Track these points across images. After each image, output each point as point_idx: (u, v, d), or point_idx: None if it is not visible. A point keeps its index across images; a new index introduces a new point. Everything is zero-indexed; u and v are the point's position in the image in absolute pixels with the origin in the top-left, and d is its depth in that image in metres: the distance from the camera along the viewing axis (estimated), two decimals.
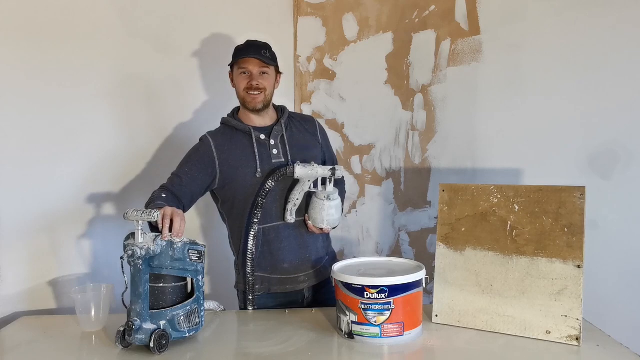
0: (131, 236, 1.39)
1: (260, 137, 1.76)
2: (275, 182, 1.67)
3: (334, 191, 1.69)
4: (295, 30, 2.46)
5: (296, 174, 1.65)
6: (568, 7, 2.08)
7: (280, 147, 1.77)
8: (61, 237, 1.93)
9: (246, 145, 1.75)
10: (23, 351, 1.44)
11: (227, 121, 1.82)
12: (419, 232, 2.41)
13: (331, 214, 1.69)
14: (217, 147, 1.74)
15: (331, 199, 1.67)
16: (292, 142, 1.80)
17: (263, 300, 1.77)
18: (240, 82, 1.75)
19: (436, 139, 2.36)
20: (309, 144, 1.85)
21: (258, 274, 1.75)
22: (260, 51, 1.73)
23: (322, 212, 1.67)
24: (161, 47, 2.14)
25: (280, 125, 1.80)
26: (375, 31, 2.41)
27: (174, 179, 1.71)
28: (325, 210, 1.67)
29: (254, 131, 1.76)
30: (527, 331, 1.42)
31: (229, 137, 1.77)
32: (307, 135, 1.86)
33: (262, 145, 1.76)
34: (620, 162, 2.03)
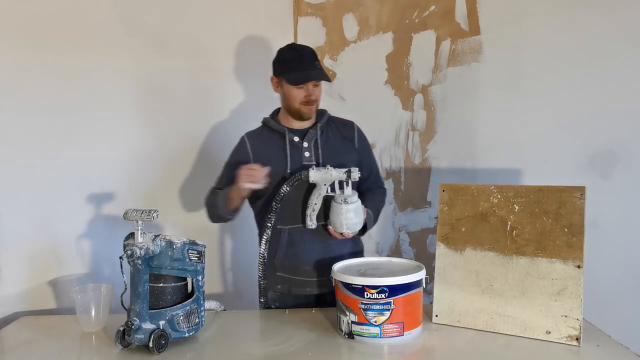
0: (131, 236, 1.39)
1: (294, 139, 1.77)
2: (290, 187, 1.67)
3: (352, 194, 1.63)
4: (295, 30, 2.47)
5: (311, 178, 1.64)
6: (568, 7, 2.08)
7: (313, 150, 1.78)
8: (61, 237, 1.93)
9: (279, 147, 1.77)
10: (23, 351, 1.43)
11: (266, 122, 1.85)
12: (419, 232, 2.41)
13: (350, 218, 1.62)
14: (253, 147, 1.80)
15: (349, 202, 1.62)
16: (325, 146, 1.79)
17: (284, 299, 1.79)
18: (296, 95, 1.73)
19: (436, 139, 2.36)
20: (344, 149, 1.83)
21: (280, 274, 1.77)
22: (314, 63, 1.73)
23: (340, 216, 1.63)
24: (160, 47, 2.13)
25: (316, 129, 1.79)
26: (375, 31, 2.41)
27: (219, 183, 1.84)
28: (344, 214, 1.62)
29: (288, 133, 1.77)
30: (527, 331, 1.41)
31: (265, 138, 1.81)
32: (343, 140, 1.84)
33: (295, 147, 1.77)
34: (620, 162, 2.03)
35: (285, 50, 1.78)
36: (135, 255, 1.32)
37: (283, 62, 1.76)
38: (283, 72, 1.74)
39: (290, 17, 2.46)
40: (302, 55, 1.74)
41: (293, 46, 1.82)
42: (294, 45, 1.83)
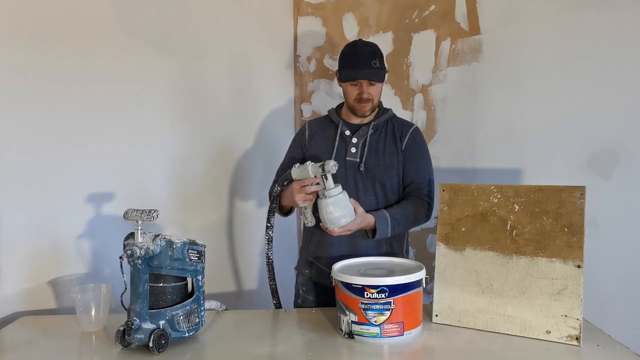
0: (131, 236, 1.39)
1: (345, 132, 1.82)
2: (280, 187, 1.71)
3: (334, 187, 1.59)
4: (295, 30, 2.47)
5: (293, 175, 1.66)
6: (568, 7, 2.08)
7: (360, 147, 1.80)
8: (61, 237, 1.93)
9: (331, 137, 1.83)
10: (23, 351, 1.43)
11: (330, 112, 1.91)
12: (419, 232, 2.41)
13: (329, 212, 1.58)
14: (310, 132, 1.89)
15: (326, 195, 1.58)
16: (372, 145, 1.79)
17: (310, 285, 1.88)
18: (350, 92, 1.77)
19: (436, 139, 2.36)
20: (390, 150, 1.80)
21: (311, 259, 1.85)
22: (370, 63, 1.73)
23: (321, 211, 1.61)
24: (160, 47, 2.13)
25: (369, 126, 1.81)
26: (375, 31, 2.41)
27: (280, 171, 1.92)
28: (323, 209, 1.59)
29: (342, 125, 1.83)
30: (527, 331, 1.41)
31: (323, 126, 1.88)
32: (391, 142, 1.81)
33: (344, 140, 1.81)
34: (620, 162, 2.03)
35: (347, 46, 1.82)
36: (135, 255, 1.32)
37: (341, 57, 1.80)
38: (339, 68, 1.80)
39: (290, 17, 2.46)
40: (359, 52, 1.75)
41: (355, 42, 1.83)
42: (357, 42, 1.83)
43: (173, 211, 2.18)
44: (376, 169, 1.78)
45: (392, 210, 1.75)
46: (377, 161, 1.78)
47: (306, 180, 1.63)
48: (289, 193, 1.70)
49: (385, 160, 1.79)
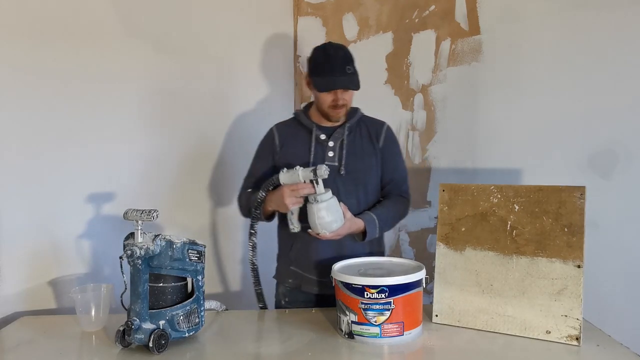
0: (131, 236, 1.39)
1: (320, 137, 1.77)
2: (265, 192, 1.67)
3: (324, 192, 1.58)
4: (295, 30, 2.47)
5: (281, 180, 1.63)
6: (568, 7, 2.08)
7: (337, 150, 1.76)
8: (61, 237, 1.93)
9: (305, 142, 1.77)
10: (23, 351, 1.43)
11: (297, 115, 1.85)
12: (419, 232, 2.41)
13: (322, 217, 1.57)
14: (281, 138, 1.81)
15: (319, 200, 1.57)
16: (350, 147, 1.77)
17: (294, 294, 1.81)
18: (324, 99, 1.71)
19: (436, 139, 2.36)
20: (368, 151, 1.79)
21: (293, 268, 1.79)
22: (345, 69, 1.68)
23: (312, 216, 1.58)
24: (160, 47, 2.13)
25: (344, 129, 1.77)
26: (375, 31, 2.41)
27: (249, 179, 1.86)
28: (315, 214, 1.57)
29: (316, 129, 1.77)
30: (527, 331, 1.41)
31: (293, 131, 1.81)
32: (369, 141, 1.80)
33: (320, 144, 1.76)
34: (620, 162, 2.03)
35: (317, 51, 1.74)
36: (135, 255, 1.32)
37: (313, 63, 1.73)
38: (312, 74, 1.73)
39: (290, 17, 2.46)
40: (332, 58, 1.69)
41: (326, 47, 1.75)
42: (327, 46, 1.75)
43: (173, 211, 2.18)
44: (356, 171, 1.76)
45: (378, 211, 1.75)
46: (357, 163, 1.76)
47: (298, 184, 1.60)
48: (276, 197, 1.65)
49: (364, 162, 1.77)
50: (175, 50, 2.17)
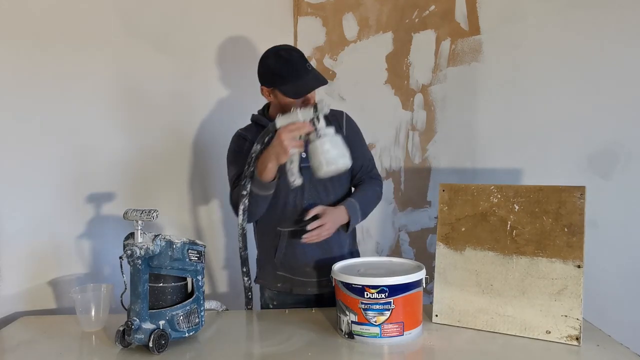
0: (130, 236, 1.39)
1: None
2: (262, 145, 1.57)
3: (324, 127, 1.48)
4: (295, 30, 2.46)
5: (277, 125, 1.51)
6: (568, 7, 2.08)
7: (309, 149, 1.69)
8: (61, 237, 1.93)
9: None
10: (23, 351, 1.43)
11: (257, 119, 1.78)
12: (419, 232, 2.41)
13: (326, 150, 1.45)
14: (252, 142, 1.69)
15: (320, 135, 1.46)
16: None
17: (282, 297, 1.79)
18: (293, 102, 1.62)
19: (436, 139, 2.36)
20: None
21: (281, 273, 1.76)
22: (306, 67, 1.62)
23: (316, 153, 1.46)
24: (160, 47, 2.14)
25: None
26: (375, 31, 2.41)
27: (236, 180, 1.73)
28: (318, 148, 1.45)
29: None
30: (527, 331, 1.41)
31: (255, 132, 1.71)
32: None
33: None
34: (620, 162, 2.03)
35: (271, 61, 1.64)
36: (135, 255, 1.32)
37: (272, 74, 1.63)
38: (275, 85, 1.63)
39: (290, 17, 2.46)
40: (292, 63, 1.62)
41: (279, 54, 1.64)
42: (280, 53, 1.64)
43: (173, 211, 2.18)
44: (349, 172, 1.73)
45: (357, 196, 1.75)
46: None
47: (297, 123, 1.49)
48: (273, 146, 1.52)
49: None
50: (174, 50, 2.17)
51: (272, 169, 1.57)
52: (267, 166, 1.55)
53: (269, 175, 1.58)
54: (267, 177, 1.58)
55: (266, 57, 1.66)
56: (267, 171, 1.56)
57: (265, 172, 1.57)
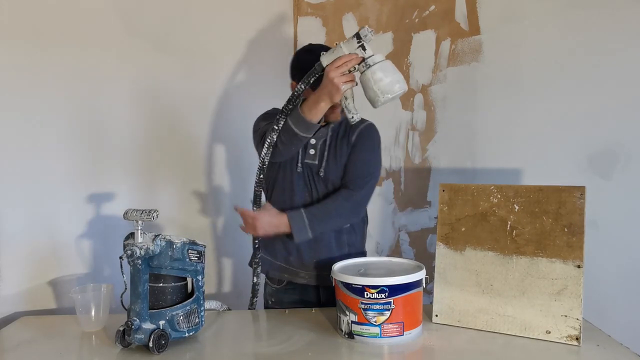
0: (131, 236, 1.39)
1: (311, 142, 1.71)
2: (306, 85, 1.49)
3: (375, 54, 1.41)
4: (295, 30, 2.47)
5: (323, 63, 1.44)
6: (568, 7, 2.08)
7: (319, 150, 1.71)
8: (61, 237, 1.93)
9: None
10: (23, 351, 1.43)
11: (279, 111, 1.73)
12: (419, 232, 2.41)
13: (379, 79, 1.38)
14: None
15: (370, 64, 1.38)
16: (331, 149, 1.72)
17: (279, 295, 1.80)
18: None
19: (436, 139, 2.36)
20: (344, 152, 1.73)
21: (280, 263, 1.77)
22: None
23: (368, 84, 1.39)
24: (160, 47, 2.14)
25: (327, 129, 1.73)
26: (375, 31, 2.41)
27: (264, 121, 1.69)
28: (370, 79, 1.38)
29: None
30: (527, 331, 1.41)
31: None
32: (345, 143, 1.73)
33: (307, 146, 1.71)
34: (620, 162, 2.03)
35: (302, 55, 1.66)
36: (135, 255, 1.32)
37: (302, 69, 1.58)
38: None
39: (290, 17, 2.46)
40: None
41: (310, 48, 1.67)
42: (311, 47, 1.67)
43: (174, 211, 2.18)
44: (334, 175, 1.72)
45: (312, 208, 1.68)
46: (335, 167, 1.72)
47: (342, 57, 1.41)
48: (323, 85, 1.44)
49: (339, 164, 1.72)
50: (174, 50, 2.17)
51: (323, 109, 1.49)
52: (320, 105, 1.47)
53: (318, 115, 1.50)
54: (314, 117, 1.50)
55: (298, 53, 1.72)
56: (317, 110, 1.48)
57: (315, 111, 1.48)
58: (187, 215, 2.23)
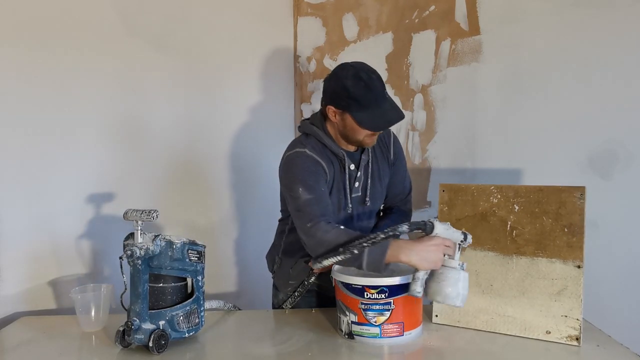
0: (130, 236, 1.40)
1: (350, 167, 1.59)
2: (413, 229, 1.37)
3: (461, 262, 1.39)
4: (295, 30, 2.47)
5: (436, 230, 1.37)
6: (568, 7, 2.08)
7: (362, 179, 1.61)
8: (61, 237, 1.93)
9: (337, 172, 1.57)
10: (23, 351, 1.43)
11: (319, 136, 1.57)
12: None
13: (465, 287, 1.35)
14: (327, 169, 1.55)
15: (465, 268, 1.37)
16: (373, 173, 1.63)
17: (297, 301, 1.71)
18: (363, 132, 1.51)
19: (436, 139, 2.36)
20: (384, 172, 1.67)
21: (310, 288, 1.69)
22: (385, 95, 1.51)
23: (457, 284, 1.34)
24: (160, 47, 2.13)
25: (368, 154, 1.62)
26: (375, 31, 2.41)
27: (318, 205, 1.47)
28: (462, 282, 1.34)
29: (347, 158, 1.57)
30: (527, 331, 1.41)
31: (329, 160, 1.56)
32: (383, 160, 1.67)
33: (351, 176, 1.59)
34: (620, 162, 2.03)
35: (349, 82, 1.47)
36: (135, 255, 1.32)
37: (349, 97, 1.47)
38: (350, 110, 1.48)
39: (290, 17, 2.46)
40: (373, 89, 1.48)
41: (359, 75, 1.48)
42: (360, 75, 1.48)
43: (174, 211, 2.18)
44: (377, 197, 1.68)
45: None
46: (378, 189, 1.67)
47: (450, 242, 1.37)
48: (420, 247, 1.35)
49: (383, 185, 1.69)
50: (174, 50, 2.17)
51: (401, 261, 1.38)
52: (401, 258, 1.36)
53: (391, 262, 1.39)
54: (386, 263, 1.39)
55: (344, 77, 1.49)
56: (395, 260, 1.38)
57: (392, 260, 1.38)
58: (187, 215, 2.22)
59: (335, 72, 1.54)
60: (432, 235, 1.37)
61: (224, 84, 2.31)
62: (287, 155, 1.58)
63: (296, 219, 1.51)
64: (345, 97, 1.48)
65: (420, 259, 1.34)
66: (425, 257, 1.34)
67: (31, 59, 1.87)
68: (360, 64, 1.54)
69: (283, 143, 1.70)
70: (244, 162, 2.37)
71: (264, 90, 2.42)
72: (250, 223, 2.39)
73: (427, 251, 1.35)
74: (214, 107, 2.29)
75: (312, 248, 1.45)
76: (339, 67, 1.55)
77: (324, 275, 1.63)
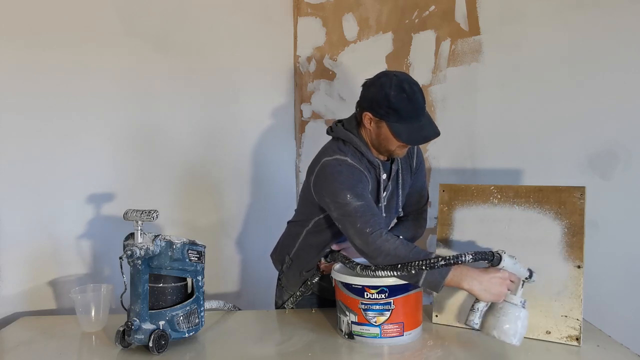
0: (130, 236, 1.40)
1: (382, 177, 1.57)
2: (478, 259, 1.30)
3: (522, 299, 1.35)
4: (295, 30, 2.47)
5: (504, 263, 1.31)
6: (568, 7, 2.08)
7: (390, 188, 1.61)
8: (61, 237, 1.93)
9: (373, 181, 1.55)
10: (23, 351, 1.44)
11: (357, 145, 1.54)
12: None
13: (525, 326, 1.30)
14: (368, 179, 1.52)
15: (525, 306, 1.33)
16: (399, 183, 1.62)
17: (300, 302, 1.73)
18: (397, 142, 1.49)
19: (436, 139, 2.36)
20: (407, 181, 1.66)
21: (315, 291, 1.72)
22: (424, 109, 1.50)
23: (517, 322, 1.29)
24: (160, 47, 2.13)
25: (398, 164, 1.61)
26: (375, 31, 2.41)
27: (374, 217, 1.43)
28: (522, 321, 1.30)
29: (381, 169, 1.56)
30: (527, 331, 1.41)
31: (360, 163, 1.52)
32: (407, 168, 1.66)
33: (380, 185, 1.57)
34: (620, 162, 2.03)
35: (392, 92, 1.44)
36: (135, 255, 1.32)
37: (389, 107, 1.44)
38: (389, 119, 1.45)
39: (290, 17, 2.46)
40: (415, 102, 1.46)
41: (402, 86, 1.46)
42: (403, 86, 1.46)
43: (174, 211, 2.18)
44: (400, 206, 1.67)
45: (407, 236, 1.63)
46: (402, 199, 1.67)
47: (515, 278, 1.34)
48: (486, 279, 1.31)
49: (404, 194, 1.68)
50: (174, 50, 2.17)
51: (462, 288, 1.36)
52: (462, 285, 1.34)
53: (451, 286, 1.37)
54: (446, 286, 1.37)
55: (386, 86, 1.46)
56: (455, 285, 1.35)
57: (453, 284, 1.35)
58: (187, 215, 2.22)
59: (377, 78, 1.51)
60: (499, 267, 1.32)
61: (224, 84, 2.31)
62: (326, 161, 1.51)
63: (347, 223, 1.44)
64: (386, 106, 1.45)
65: (483, 289, 1.31)
66: (489, 289, 1.31)
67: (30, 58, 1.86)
68: (403, 74, 1.52)
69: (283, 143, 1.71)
70: (243, 162, 2.37)
71: (263, 90, 2.42)
72: (250, 223, 2.40)
73: (491, 283, 1.31)
74: (214, 108, 2.29)
75: (371, 254, 1.40)
76: (382, 74, 1.52)
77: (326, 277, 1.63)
